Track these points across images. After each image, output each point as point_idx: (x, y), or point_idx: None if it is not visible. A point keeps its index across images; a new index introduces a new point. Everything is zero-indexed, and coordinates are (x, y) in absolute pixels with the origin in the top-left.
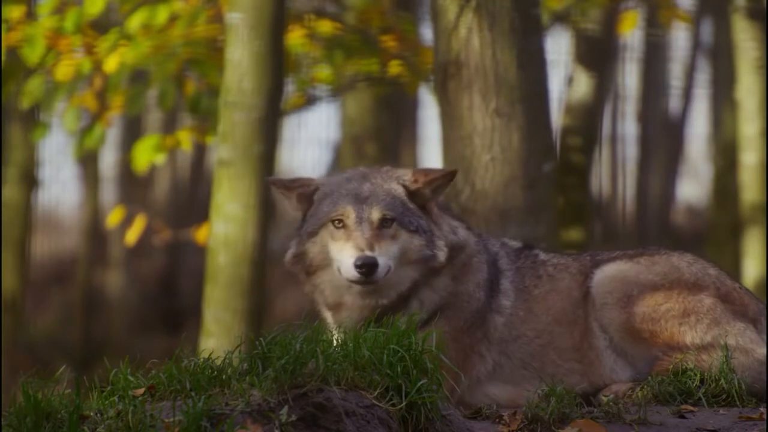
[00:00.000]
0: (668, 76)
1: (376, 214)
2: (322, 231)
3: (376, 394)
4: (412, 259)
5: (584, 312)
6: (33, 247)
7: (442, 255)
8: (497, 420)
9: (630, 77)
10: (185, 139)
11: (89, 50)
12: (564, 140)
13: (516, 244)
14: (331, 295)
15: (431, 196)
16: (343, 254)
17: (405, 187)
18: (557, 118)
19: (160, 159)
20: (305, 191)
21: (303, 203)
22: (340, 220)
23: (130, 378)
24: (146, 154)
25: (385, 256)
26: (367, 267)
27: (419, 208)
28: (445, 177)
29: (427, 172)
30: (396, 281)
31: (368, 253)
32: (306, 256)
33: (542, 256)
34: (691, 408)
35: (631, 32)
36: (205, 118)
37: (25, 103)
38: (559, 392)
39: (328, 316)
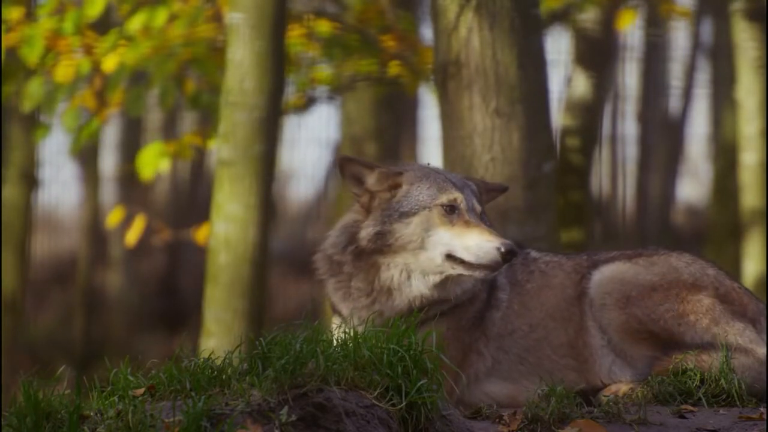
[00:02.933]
0: (668, 76)
1: (478, 207)
2: (426, 212)
3: (376, 394)
4: None
5: (579, 310)
6: (33, 247)
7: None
8: (497, 420)
9: (630, 77)
10: (187, 147)
11: (88, 51)
12: (564, 140)
13: None
14: (397, 278)
15: (487, 199)
16: (473, 239)
17: (480, 192)
18: (557, 118)
19: (165, 165)
20: (388, 172)
21: (384, 184)
22: (452, 207)
23: (130, 378)
24: (151, 162)
25: None
26: (512, 253)
27: None
28: (501, 191)
29: (485, 181)
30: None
31: (508, 240)
32: (391, 235)
33: (533, 254)
34: (691, 408)
35: (631, 32)
36: (206, 119)
37: (26, 107)
38: (559, 392)
39: (346, 306)
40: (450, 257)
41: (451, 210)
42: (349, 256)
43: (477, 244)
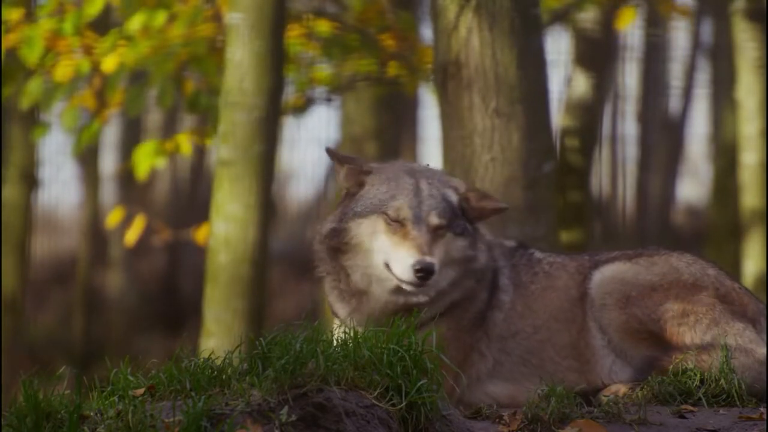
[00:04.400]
0: (668, 76)
1: (434, 220)
2: (374, 217)
3: (376, 394)
4: (455, 260)
5: (582, 311)
6: (33, 247)
7: (483, 257)
8: (497, 420)
9: (630, 77)
10: (185, 142)
11: (88, 51)
12: (564, 140)
13: (511, 243)
14: (361, 281)
15: (474, 215)
16: (400, 253)
17: (458, 197)
18: (557, 118)
19: (161, 163)
20: (356, 169)
21: (351, 181)
22: (398, 215)
23: (130, 378)
24: (147, 160)
25: (438, 261)
26: (425, 272)
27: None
28: (495, 212)
29: (480, 198)
30: (435, 281)
31: (428, 258)
32: (346, 234)
33: (537, 254)
34: (691, 408)
35: (631, 32)
36: (204, 119)
37: (24, 104)
38: (559, 392)
39: (341, 307)
40: (387, 266)
41: (396, 219)
42: (324, 253)
43: (402, 258)
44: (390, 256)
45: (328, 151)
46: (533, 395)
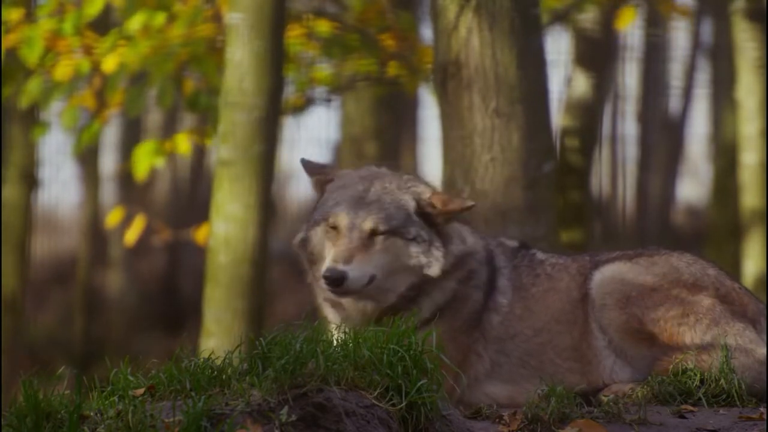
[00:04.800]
0: (668, 76)
1: (368, 224)
2: (322, 225)
3: (376, 394)
4: (407, 266)
5: (583, 312)
6: (33, 247)
7: (437, 266)
8: (497, 420)
9: (630, 77)
10: (184, 142)
11: (88, 51)
12: (564, 140)
13: (513, 243)
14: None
15: (442, 222)
16: (325, 261)
17: (418, 204)
18: (557, 118)
19: (160, 163)
20: (321, 179)
21: (318, 190)
22: (334, 222)
23: (130, 378)
24: (146, 160)
25: (363, 267)
26: (331, 280)
27: (425, 221)
28: (463, 211)
29: (447, 201)
30: (391, 286)
31: (340, 266)
32: (309, 243)
33: (540, 255)
34: (691, 408)
35: (631, 32)
36: (205, 119)
37: (23, 103)
38: (559, 392)
39: (331, 312)
40: None
41: (333, 226)
42: (304, 261)
43: (324, 266)
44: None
45: (303, 162)
46: (533, 395)
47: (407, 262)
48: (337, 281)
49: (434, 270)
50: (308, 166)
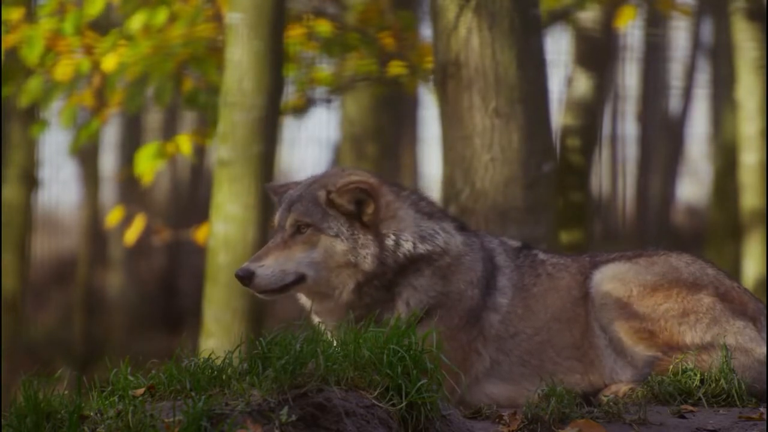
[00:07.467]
0: (668, 76)
1: (290, 220)
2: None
3: (376, 394)
4: (340, 262)
5: (584, 311)
6: (33, 247)
7: (366, 263)
8: (497, 420)
9: (630, 77)
10: (185, 143)
11: (88, 51)
12: (564, 140)
13: (515, 243)
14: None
15: (354, 209)
16: None
17: (327, 194)
18: (557, 118)
19: (162, 165)
20: (281, 191)
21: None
22: (272, 224)
23: (130, 378)
24: (148, 162)
25: (278, 265)
26: (239, 278)
27: (344, 215)
28: (355, 191)
29: (340, 191)
30: (336, 284)
31: (251, 265)
32: None
33: (541, 255)
34: (691, 408)
35: (631, 32)
36: (205, 118)
37: (23, 102)
38: (559, 392)
39: (313, 312)
40: None
41: (273, 228)
42: None
43: None
44: None
45: (265, 187)
46: (533, 395)
47: (339, 259)
48: (244, 279)
49: (364, 267)
50: (271, 188)
